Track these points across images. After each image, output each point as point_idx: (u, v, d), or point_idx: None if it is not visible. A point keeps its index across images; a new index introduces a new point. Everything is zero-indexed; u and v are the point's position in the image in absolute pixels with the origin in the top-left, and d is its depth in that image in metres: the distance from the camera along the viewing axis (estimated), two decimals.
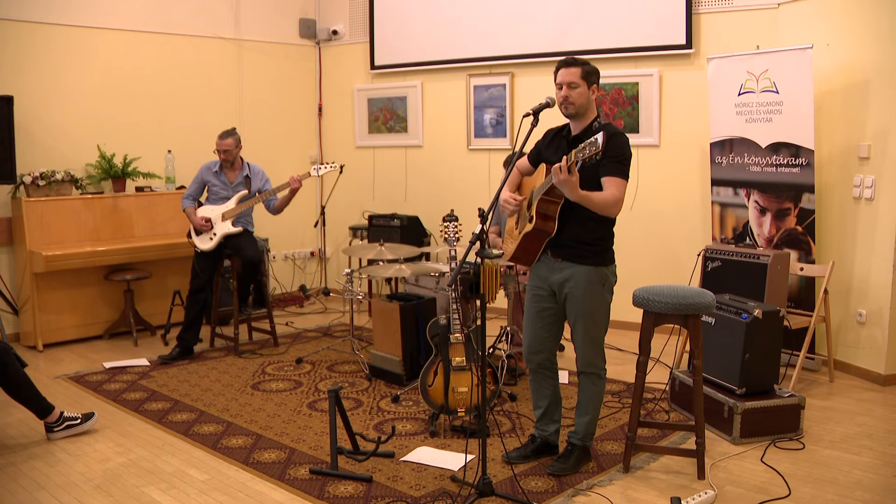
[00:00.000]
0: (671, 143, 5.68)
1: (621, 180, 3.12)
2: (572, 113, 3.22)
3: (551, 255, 3.28)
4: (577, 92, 3.20)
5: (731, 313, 3.98)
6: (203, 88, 6.61)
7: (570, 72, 3.22)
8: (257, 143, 6.77)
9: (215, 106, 6.68)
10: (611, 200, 3.09)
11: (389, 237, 6.34)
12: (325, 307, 6.92)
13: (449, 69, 6.63)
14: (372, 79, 7.15)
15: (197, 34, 6.53)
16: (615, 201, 3.10)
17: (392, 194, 7.08)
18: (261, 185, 5.40)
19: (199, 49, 6.56)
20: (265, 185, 5.41)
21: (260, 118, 7.01)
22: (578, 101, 3.19)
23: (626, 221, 5.18)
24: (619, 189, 3.10)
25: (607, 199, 3.09)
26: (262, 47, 7.01)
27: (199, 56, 6.56)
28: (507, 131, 6.37)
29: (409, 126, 6.96)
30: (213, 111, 6.64)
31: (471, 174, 6.59)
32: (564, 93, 3.21)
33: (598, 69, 3.27)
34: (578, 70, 3.21)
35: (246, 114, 6.91)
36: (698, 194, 5.58)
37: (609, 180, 3.11)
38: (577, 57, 3.29)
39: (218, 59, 6.70)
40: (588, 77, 3.21)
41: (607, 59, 5.73)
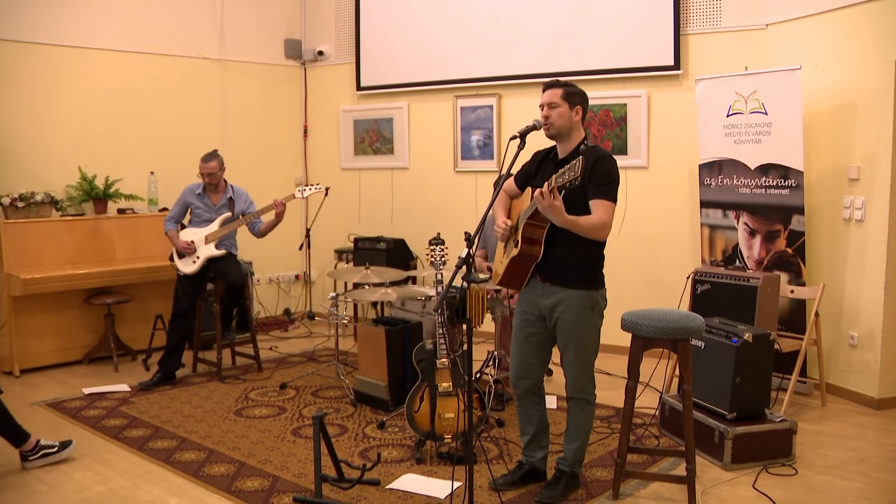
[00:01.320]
0: (660, 165, 5.72)
1: (609, 203, 3.13)
2: (552, 133, 3.26)
3: (540, 279, 3.28)
4: (556, 112, 3.24)
5: (720, 337, 3.99)
6: (187, 109, 6.61)
7: (551, 92, 3.27)
8: (242, 164, 6.78)
9: (199, 127, 6.68)
10: (598, 224, 3.10)
11: (375, 260, 6.33)
12: (310, 331, 6.89)
13: (435, 90, 6.67)
14: (358, 100, 7.18)
15: (181, 54, 6.55)
16: (602, 224, 3.11)
17: (378, 217, 7.08)
18: (244, 207, 5.39)
19: (184, 70, 6.57)
20: (249, 208, 5.40)
21: (244, 139, 7.02)
22: (558, 121, 3.23)
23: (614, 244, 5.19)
24: (606, 212, 3.12)
25: (594, 222, 3.10)
26: (246, 68, 7.04)
27: (183, 77, 6.57)
28: (495, 153, 6.40)
29: (395, 148, 6.98)
30: (197, 132, 6.64)
31: (458, 197, 6.61)
32: (545, 112, 3.26)
33: (583, 92, 3.31)
34: (560, 91, 3.26)
35: (230, 135, 6.92)
36: (687, 216, 5.61)
37: (596, 203, 3.13)
38: (561, 79, 3.33)
39: (202, 79, 6.71)
40: (570, 98, 3.25)
41: (595, 81, 5.78)
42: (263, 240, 5.69)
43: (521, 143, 3.22)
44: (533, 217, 3.16)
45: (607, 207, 3.13)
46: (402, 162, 6.95)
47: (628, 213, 5.72)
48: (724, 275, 4.70)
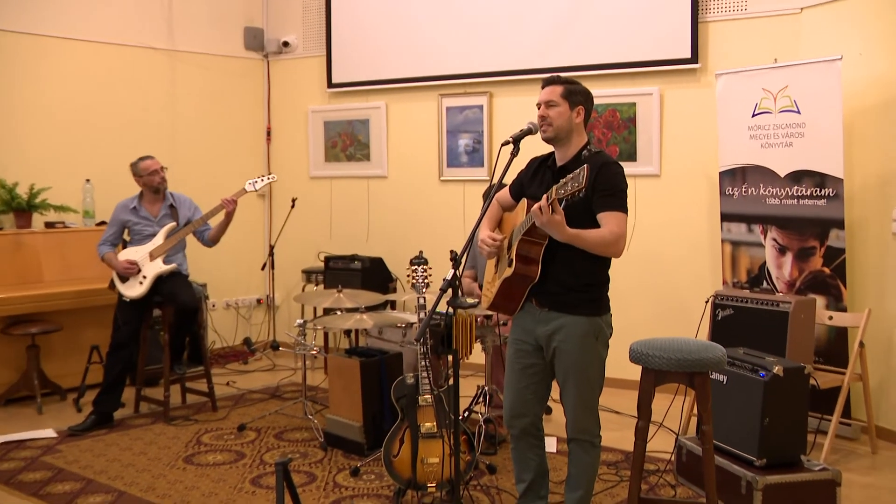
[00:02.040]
0: (674, 173, 5.79)
1: (621, 214, 3.18)
2: (550, 136, 3.31)
3: (537, 303, 3.31)
4: (555, 112, 3.28)
5: (746, 370, 4.01)
6: (129, 107, 6.60)
7: (549, 90, 3.32)
8: (193, 172, 6.79)
9: (144, 128, 6.68)
10: (609, 238, 3.14)
11: (349, 282, 6.35)
12: (274, 364, 6.90)
13: (418, 88, 6.73)
14: (329, 98, 7.23)
15: (122, 43, 6.54)
16: (615, 238, 3.15)
17: (352, 232, 7.12)
18: (190, 214, 5.41)
19: (125, 61, 6.57)
20: (195, 214, 5.41)
21: (197, 143, 7.04)
22: (556, 123, 3.28)
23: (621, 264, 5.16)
24: (619, 224, 3.16)
25: (605, 236, 3.14)
26: (199, 60, 7.07)
27: (125, 70, 6.57)
28: (485, 159, 6.46)
29: (371, 153, 7.03)
30: (141, 134, 6.62)
31: (443, 209, 6.66)
32: (541, 112, 3.31)
33: (587, 90, 3.35)
34: (560, 88, 3.30)
35: (180, 138, 6.93)
36: (706, 231, 5.68)
37: (607, 216, 3.17)
38: (562, 75, 3.38)
39: (147, 73, 6.72)
40: (570, 96, 3.30)
41: (600, 77, 5.86)
42: (220, 260, 5.71)
43: (514, 149, 3.27)
44: (529, 232, 3.19)
45: (619, 219, 3.17)
46: (379, 170, 7.00)
47: (638, 229, 5.76)
48: (749, 298, 4.72)
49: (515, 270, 3.23)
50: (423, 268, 4.36)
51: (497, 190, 3.40)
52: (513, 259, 3.25)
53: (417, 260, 4.39)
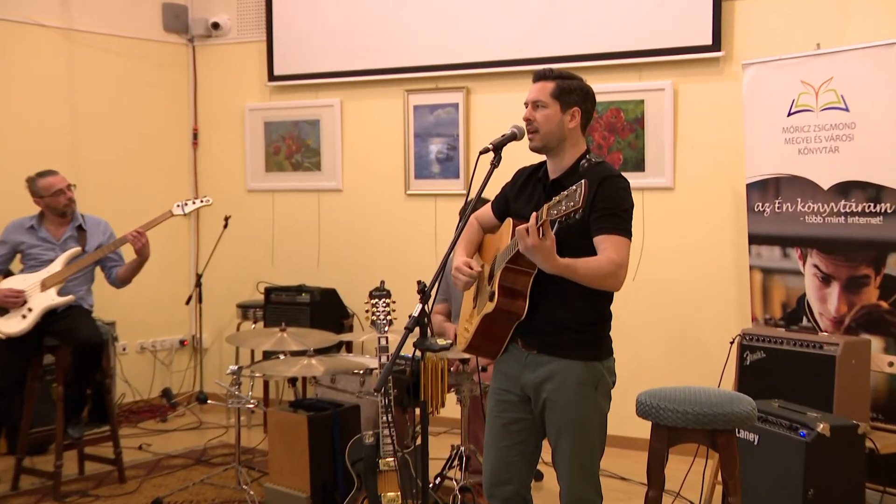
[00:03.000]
0: (691, 185, 5.83)
1: (622, 239, 3.17)
2: (537, 145, 3.32)
3: (523, 345, 3.31)
4: (543, 115, 3.29)
5: (782, 428, 4.00)
6: (15, 100, 6.52)
7: (538, 87, 3.33)
8: (98, 183, 6.69)
9: (33, 127, 6.60)
10: (608, 268, 3.13)
11: (294, 319, 6.35)
12: (200, 421, 6.86)
13: (379, 82, 6.76)
14: (270, 94, 7.24)
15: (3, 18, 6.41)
16: (615, 268, 3.13)
17: (299, 258, 7.12)
18: (104, 240, 5.38)
19: (7, 41, 6.44)
20: (110, 240, 5.38)
21: (102, 148, 6.98)
22: (544, 128, 3.29)
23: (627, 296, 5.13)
24: (619, 251, 3.15)
25: (602, 266, 3.13)
26: (105, 43, 7.00)
27: (8, 52, 6.47)
28: (461, 169, 6.49)
29: (322, 162, 7.04)
30: (29, 133, 6.55)
31: (410, 230, 6.68)
32: (527, 114, 3.32)
33: (587, 88, 3.36)
34: (550, 85, 3.31)
35: (81, 139, 6.87)
36: (730, 257, 5.71)
37: (605, 240, 3.16)
38: (556, 68, 3.39)
39: (37, 57, 6.64)
40: (563, 96, 3.30)
41: (600, 69, 5.90)
42: (132, 291, 5.64)
43: (495, 158, 3.29)
44: (515, 260, 3.18)
45: (620, 245, 3.16)
46: (332, 181, 7.01)
47: (647, 253, 5.80)
48: (785, 339, 4.71)
49: (498, 305, 3.23)
50: (386, 301, 4.36)
51: (474, 207, 3.39)
52: (495, 291, 3.25)
53: (378, 292, 4.40)
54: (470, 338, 3.39)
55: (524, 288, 3.23)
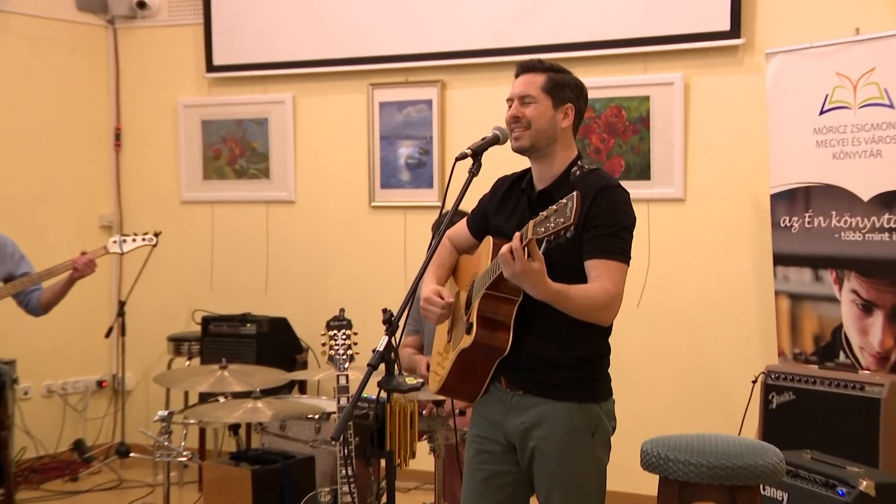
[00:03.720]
0: (705, 196, 5.85)
1: (618, 265, 3.19)
2: (524, 146, 3.32)
3: (507, 384, 3.31)
4: (533, 110, 3.30)
5: (816, 485, 3.99)
6: None
7: (526, 79, 3.34)
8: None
9: None
10: (601, 298, 3.14)
11: (238, 354, 6.34)
12: (121, 479, 6.81)
13: (339, 75, 6.77)
14: (209, 87, 7.24)
15: None
16: (609, 299, 3.15)
17: (243, 282, 7.11)
18: (13, 267, 5.35)
19: None
20: (20, 268, 5.35)
21: (4, 149, 6.94)
22: (534, 124, 3.29)
23: (630, 326, 5.21)
24: (614, 279, 3.16)
25: (595, 295, 3.14)
26: (8, 23, 6.95)
27: None
28: (435, 177, 6.52)
29: (272, 168, 7.04)
30: None
31: (375, 248, 6.69)
32: (513, 111, 3.33)
33: (579, 83, 3.38)
34: (541, 78, 3.32)
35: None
36: (752, 280, 5.73)
37: (598, 265, 3.18)
38: (545, 59, 3.41)
39: None
40: (556, 90, 3.32)
41: (597, 60, 5.94)
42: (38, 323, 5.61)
43: (474, 165, 3.29)
44: (496, 285, 3.19)
45: (615, 272, 3.18)
46: (283, 191, 7.01)
47: (653, 276, 5.83)
48: (818, 378, 4.73)
49: (477, 339, 3.24)
50: (346, 333, 4.36)
51: (450, 221, 3.39)
52: (473, 323, 3.25)
53: (337, 322, 4.40)
54: (444, 377, 3.40)
55: (507, 318, 3.24)
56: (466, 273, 3.49)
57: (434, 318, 3.41)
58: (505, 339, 3.24)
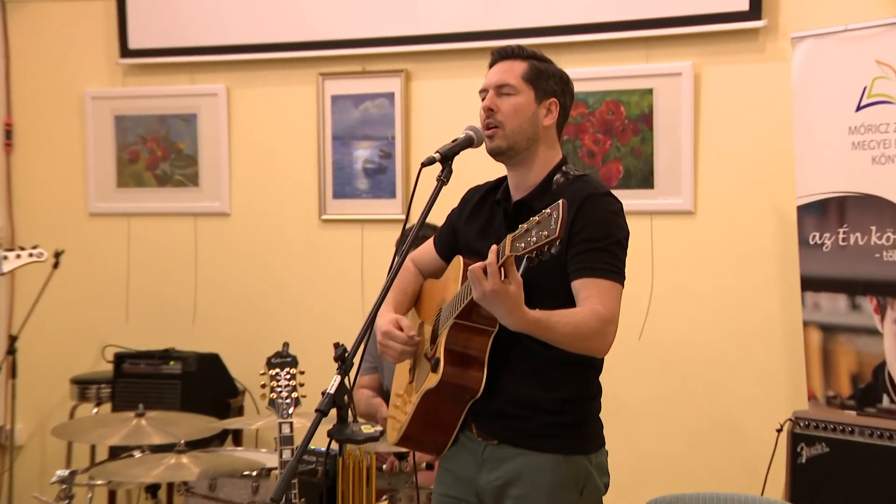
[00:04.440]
0: (718, 208, 5.89)
1: (611, 284, 3.24)
2: (500, 146, 3.39)
3: (479, 433, 3.38)
4: (510, 104, 3.37)
5: None
6: None
7: (503, 67, 3.42)
8: None
9: None
10: (592, 324, 3.18)
11: (159, 399, 6.32)
12: None
13: (283, 63, 6.81)
14: (123, 76, 7.25)
15: None
16: (601, 325, 3.19)
17: (166, 312, 7.13)
18: None
19: None
20: None
21: None
22: (512, 121, 3.37)
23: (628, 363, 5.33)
24: (607, 302, 3.21)
25: (584, 321, 3.18)
26: None
27: None
28: (398, 185, 6.56)
29: (202, 173, 7.07)
30: None
31: (325, 269, 6.74)
32: (488, 102, 3.39)
33: (565, 75, 3.48)
34: (521, 66, 3.40)
35: None
36: (775, 308, 5.77)
37: (587, 286, 3.23)
38: (524, 46, 3.49)
39: None
40: (538, 81, 3.40)
41: (590, 45, 5.98)
42: None
43: (444, 172, 3.33)
44: (467, 313, 3.25)
45: (608, 292, 3.23)
46: (215, 201, 7.04)
47: (657, 303, 5.89)
48: (856, 426, 4.74)
49: (444, 378, 3.29)
50: (290, 372, 4.39)
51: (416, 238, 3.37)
52: (440, 359, 3.30)
53: (280, 359, 4.43)
54: (405, 425, 3.45)
55: (480, 352, 3.30)
56: (432, 301, 3.56)
57: (394, 355, 3.46)
58: (477, 377, 3.30)
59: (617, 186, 5.85)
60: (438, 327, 3.40)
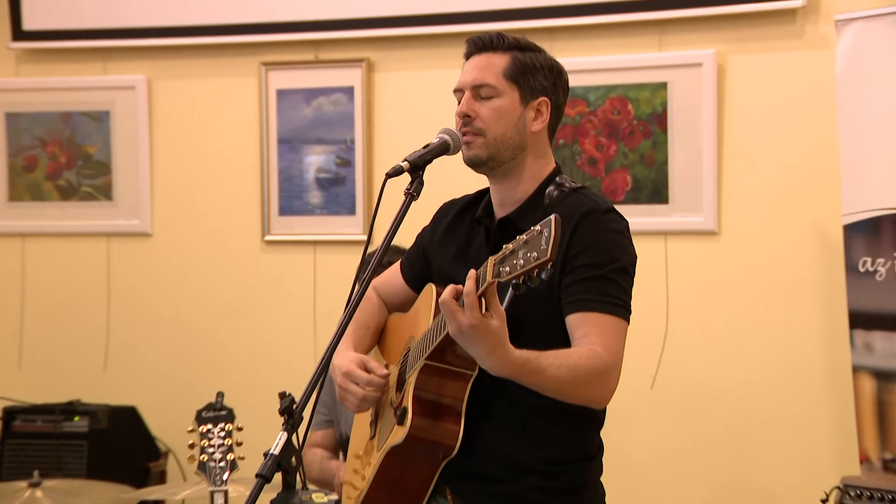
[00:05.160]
0: (747, 228, 5.93)
1: (614, 320, 3.25)
2: (479, 156, 3.39)
3: (453, 498, 3.40)
4: (492, 107, 3.39)
5: None
6: None
7: (480, 62, 3.42)
8: None
9: None
10: (590, 367, 3.17)
11: (59, 463, 6.35)
12: None
13: (217, 49, 6.87)
14: (17, 64, 7.28)
15: None
16: (602, 368, 3.19)
17: (69, 356, 7.13)
18: None
19: None
20: None
21: None
22: (492, 127, 3.37)
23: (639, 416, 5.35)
24: (607, 339, 3.21)
25: (581, 364, 3.17)
26: None
27: None
28: (358, 198, 6.61)
29: (116, 184, 7.09)
30: None
31: (269, 301, 6.77)
32: (463, 106, 3.40)
33: (558, 66, 3.49)
34: (502, 60, 3.41)
35: None
36: (817, 348, 5.81)
37: (585, 321, 3.23)
38: (505, 33, 3.49)
39: None
40: (523, 77, 3.41)
41: (590, 30, 6.03)
42: None
43: (414, 184, 3.30)
44: (440, 353, 3.27)
45: (609, 329, 3.23)
46: (133, 219, 7.06)
47: (674, 345, 5.92)
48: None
49: (413, 431, 3.30)
50: (225, 428, 4.42)
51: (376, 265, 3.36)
52: (407, 408, 3.32)
53: (212, 412, 4.46)
54: (364, 491, 3.47)
55: (456, 401, 3.31)
56: (398, 338, 3.59)
57: (355, 400, 3.45)
58: (452, 431, 3.30)
59: (623, 201, 5.92)
60: (406, 370, 3.42)
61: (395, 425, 3.37)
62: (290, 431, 3.00)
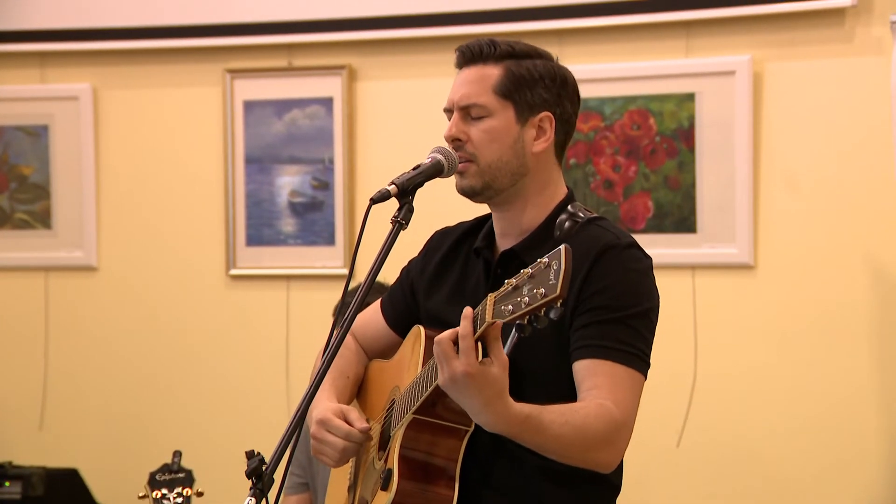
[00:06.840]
0: (788, 261, 5.97)
1: (627, 371, 3.24)
2: (473, 186, 3.38)
3: None
4: (482, 130, 3.37)
5: None
6: None
7: (471, 76, 3.41)
8: None
9: None
10: (598, 427, 3.15)
11: None
12: None
13: (175, 54, 6.92)
14: None
15: None
16: (612, 428, 3.18)
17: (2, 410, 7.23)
18: None
19: None
20: None
21: None
22: (487, 154, 3.36)
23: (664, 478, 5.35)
24: (619, 394, 3.20)
25: (588, 423, 3.15)
26: None
27: None
28: (338, 227, 6.65)
29: (55, 210, 7.13)
30: None
31: (234, 346, 6.80)
32: (452, 129, 3.37)
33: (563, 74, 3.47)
34: (495, 72, 3.38)
35: None
36: (874, 398, 5.84)
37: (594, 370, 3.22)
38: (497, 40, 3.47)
39: None
40: (518, 92, 3.38)
41: (605, 32, 6.06)
42: None
43: (402, 211, 3.26)
44: (430, 406, 3.27)
45: (622, 382, 3.23)
46: (75, 250, 7.10)
47: (703, 397, 5.93)
48: None
49: (399, 496, 3.30)
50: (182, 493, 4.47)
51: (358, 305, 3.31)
52: (392, 470, 3.33)
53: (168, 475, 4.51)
54: None
55: (450, 462, 3.33)
56: (381, 389, 3.63)
57: (334, 455, 3.45)
58: (445, 497, 3.31)
59: (644, 230, 5.97)
60: (391, 426, 3.44)
61: (378, 491, 3.37)
62: (260, 497, 2.92)
